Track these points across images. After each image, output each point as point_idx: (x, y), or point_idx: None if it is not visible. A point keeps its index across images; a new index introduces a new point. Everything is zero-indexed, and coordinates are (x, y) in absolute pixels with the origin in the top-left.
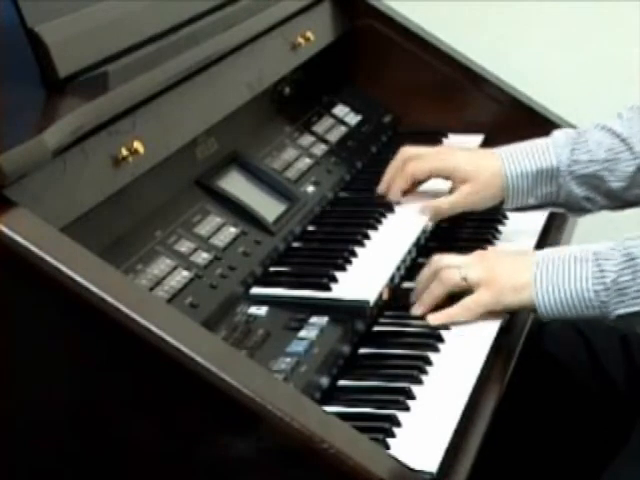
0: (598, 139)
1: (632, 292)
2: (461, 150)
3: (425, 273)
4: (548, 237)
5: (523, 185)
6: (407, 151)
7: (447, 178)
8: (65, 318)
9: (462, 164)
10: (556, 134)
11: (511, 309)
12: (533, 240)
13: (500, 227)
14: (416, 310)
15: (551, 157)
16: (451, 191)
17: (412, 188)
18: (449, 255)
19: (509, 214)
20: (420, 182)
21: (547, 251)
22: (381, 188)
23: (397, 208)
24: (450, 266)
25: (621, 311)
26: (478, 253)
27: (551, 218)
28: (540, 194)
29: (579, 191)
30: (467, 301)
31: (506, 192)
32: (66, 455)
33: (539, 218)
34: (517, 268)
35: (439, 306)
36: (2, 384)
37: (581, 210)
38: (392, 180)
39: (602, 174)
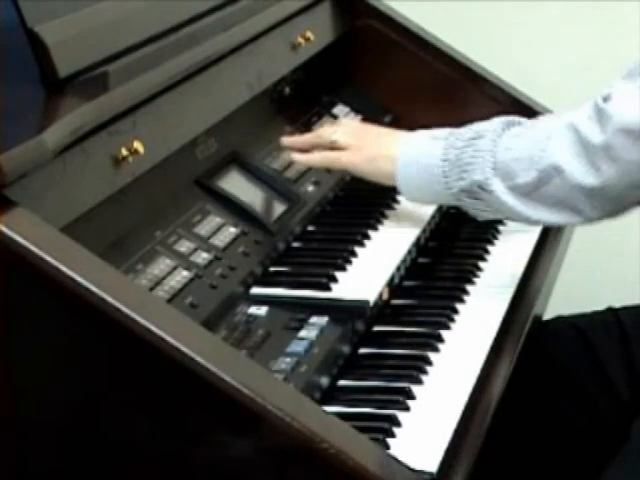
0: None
1: (469, 165)
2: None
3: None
4: (548, 237)
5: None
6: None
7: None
8: (65, 318)
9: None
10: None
11: (368, 177)
12: (533, 240)
13: (500, 227)
14: (283, 141)
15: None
16: None
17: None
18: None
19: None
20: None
21: (413, 132)
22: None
23: (397, 207)
24: (328, 127)
25: (459, 186)
26: (352, 122)
27: None
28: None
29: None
30: (330, 154)
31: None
32: (66, 455)
33: None
34: (384, 142)
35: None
36: (2, 384)
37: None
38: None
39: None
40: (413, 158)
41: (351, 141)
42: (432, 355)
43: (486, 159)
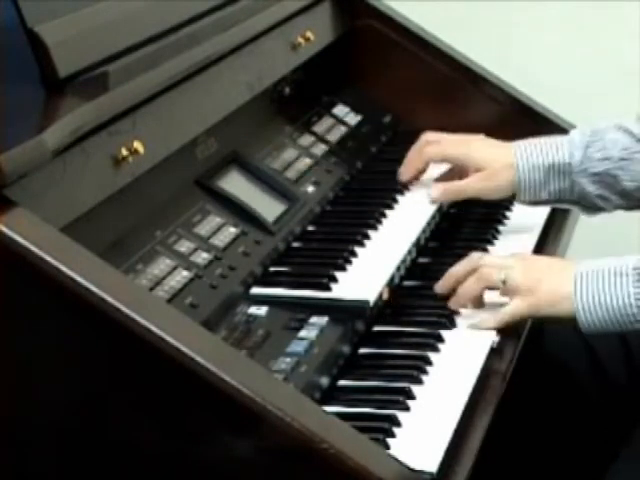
0: (614, 138)
1: None
2: (478, 139)
3: (463, 266)
4: (548, 237)
5: (534, 179)
6: (428, 135)
7: (461, 165)
8: (65, 318)
9: (476, 153)
10: (573, 132)
11: (547, 320)
12: (533, 240)
13: (500, 227)
14: (451, 304)
15: (564, 153)
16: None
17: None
18: (490, 255)
19: (509, 214)
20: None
21: (586, 264)
22: (400, 170)
23: (397, 207)
24: (491, 265)
25: None
26: (521, 257)
27: (551, 218)
28: (553, 189)
29: (592, 189)
30: (502, 313)
31: (517, 185)
32: (66, 455)
33: (539, 218)
34: (557, 281)
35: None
36: (2, 384)
37: (595, 208)
38: (409, 161)
39: (616, 173)
40: (598, 301)
41: (522, 282)
42: (432, 355)
43: None
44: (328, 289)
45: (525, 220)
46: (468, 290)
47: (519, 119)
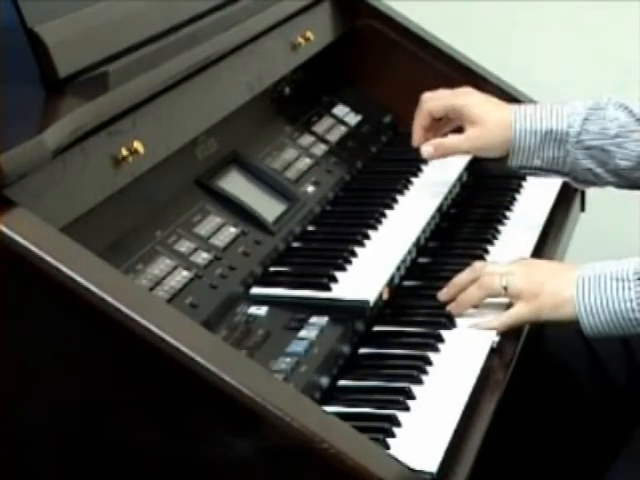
0: (614, 115)
1: None
2: (477, 94)
3: (466, 275)
4: (548, 237)
5: (529, 142)
6: (425, 95)
7: (458, 117)
8: (65, 318)
9: (473, 106)
10: (573, 102)
11: (550, 323)
12: (533, 240)
13: (500, 227)
14: (451, 309)
15: (563, 121)
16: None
17: (434, 129)
18: (492, 262)
19: (509, 214)
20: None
21: (587, 268)
22: (413, 138)
23: (397, 207)
24: (492, 273)
25: None
26: (522, 262)
27: (551, 219)
28: (546, 157)
29: (585, 162)
30: (506, 315)
31: (511, 146)
32: (66, 455)
33: (539, 218)
34: (559, 285)
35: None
36: (2, 384)
37: (586, 182)
38: (415, 125)
39: (610, 149)
40: (600, 305)
41: (524, 287)
42: (432, 355)
43: None
44: (328, 289)
45: (525, 220)
46: (470, 298)
47: None
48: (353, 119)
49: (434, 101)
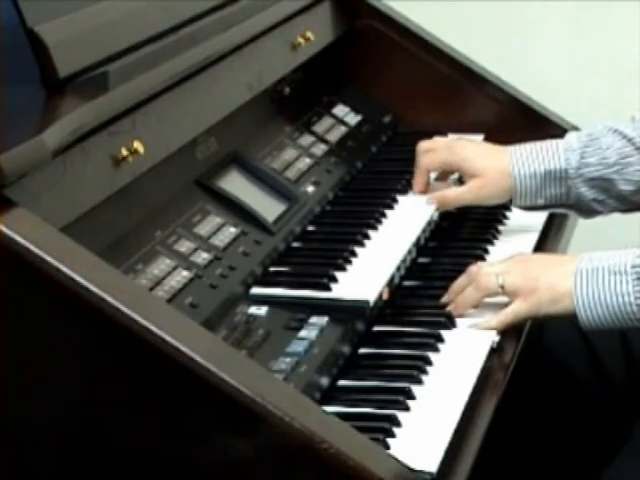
0: (609, 142)
1: None
2: (473, 144)
3: (462, 280)
4: (548, 237)
5: (531, 185)
6: (422, 145)
7: (457, 171)
8: (65, 318)
9: (471, 159)
10: (568, 136)
11: (548, 317)
12: (533, 240)
13: (500, 227)
14: (451, 309)
15: (560, 159)
16: (461, 184)
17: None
18: (487, 263)
19: (509, 214)
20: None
21: (584, 261)
22: (414, 191)
23: (397, 207)
24: (489, 273)
25: None
26: (517, 259)
27: (551, 219)
28: (549, 195)
29: (589, 193)
30: (504, 314)
31: (514, 191)
32: (66, 455)
33: (539, 218)
34: (556, 279)
35: None
36: (2, 384)
37: (592, 212)
38: (415, 179)
39: (612, 177)
40: (598, 299)
41: (521, 283)
42: (432, 355)
43: None
44: (328, 289)
45: (525, 220)
46: (468, 300)
47: (519, 119)
48: (353, 119)
49: (430, 156)
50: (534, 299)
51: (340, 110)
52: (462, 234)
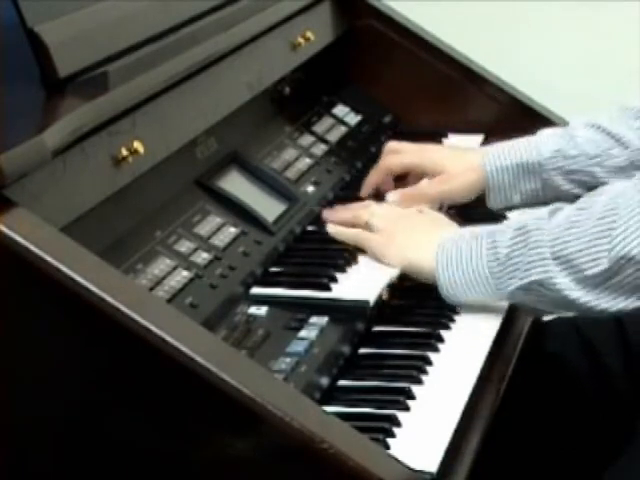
0: (588, 136)
1: (523, 264)
2: (445, 147)
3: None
4: None
5: (504, 180)
6: (390, 145)
7: (422, 173)
8: (65, 318)
9: (438, 158)
10: (543, 131)
11: (401, 268)
12: None
13: None
14: (324, 215)
15: (532, 151)
16: None
17: (389, 182)
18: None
19: (509, 214)
20: (405, 177)
21: (450, 233)
22: (361, 191)
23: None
24: (368, 208)
25: (514, 285)
26: (394, 210)
27: None
28: (524, 190)
29: (568, 187)
30: (361, 234)
31: (487, 187)
32: (65, 455)
33: None
34: (418, 238)
35: None
36: (1, 384)
37: None
38: (370, 176)
39: (592, 170)
40: (454, 261)
41: (385, 226)
42: (432, 355)
43: (543, 255)
44: (328, 289)
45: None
46: (341, 214)
47: (519, 119)
48: (353, 119)
49: (395, 157)
50: (388, 241)
51: (340, 110)
52: None
